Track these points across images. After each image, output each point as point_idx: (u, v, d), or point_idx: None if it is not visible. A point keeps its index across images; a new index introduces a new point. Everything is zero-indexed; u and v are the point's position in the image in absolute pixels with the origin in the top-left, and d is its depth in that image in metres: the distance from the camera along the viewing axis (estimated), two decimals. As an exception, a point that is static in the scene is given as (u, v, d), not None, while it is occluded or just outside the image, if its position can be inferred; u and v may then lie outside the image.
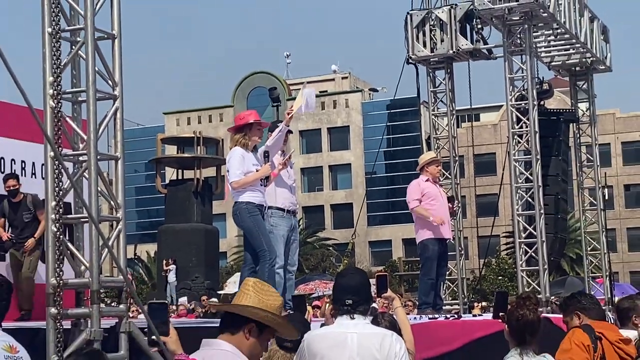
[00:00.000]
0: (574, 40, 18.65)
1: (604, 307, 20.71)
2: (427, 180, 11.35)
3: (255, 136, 9.16)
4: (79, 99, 7.17)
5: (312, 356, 5.05)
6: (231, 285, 27.62)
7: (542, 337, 5.84)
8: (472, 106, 19.03)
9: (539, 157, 16.64)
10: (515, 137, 16.97)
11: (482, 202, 53.47)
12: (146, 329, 5.10)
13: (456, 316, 10.49)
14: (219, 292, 25.77)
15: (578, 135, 20.23)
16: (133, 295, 6.87)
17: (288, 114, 9.41)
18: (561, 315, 6.61)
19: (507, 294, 6.94)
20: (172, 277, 30.30)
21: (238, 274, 30.64)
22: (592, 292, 20.06)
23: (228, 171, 9.05)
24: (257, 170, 9.02)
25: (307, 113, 69.70)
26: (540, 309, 7.63)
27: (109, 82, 7.01)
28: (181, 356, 4.41)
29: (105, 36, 7.00)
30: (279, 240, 9.29)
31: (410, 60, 18.07)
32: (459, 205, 17.37)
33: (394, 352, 5.09)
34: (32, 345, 5.39)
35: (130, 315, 7.12)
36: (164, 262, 31.07)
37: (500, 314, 6.16)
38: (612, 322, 11.31)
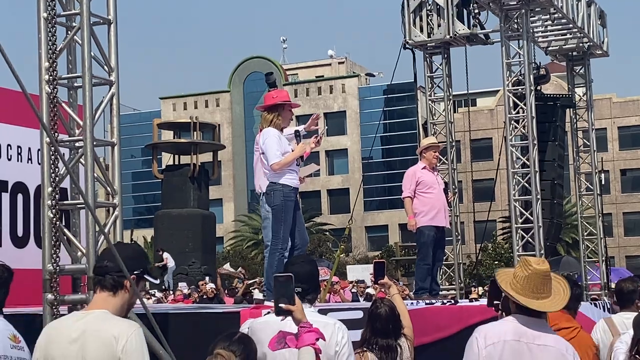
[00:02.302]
0: (571, 25, 18.61)
1: (599, 292, 20.57)
2: (424, 167, 11.33)
3: (287, 118, 8.98)
4: (75, 84, 7.15)
5: (256, 343, 5.05)
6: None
7: None
8: (468, 91, 18.98)
9: (535, 142, 16.62)
10: (512, 122, 16.95)
11: (478, 187, 53.56)
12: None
13: (453, 302, 10.49)
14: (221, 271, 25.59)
15: (575, 120, 20.21)
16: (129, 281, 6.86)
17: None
18: None
19: None
20: (171, 262, 30.27)
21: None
22: (589, 277, 20.12)
23: (263, 153, 8.88)
24: (292, 151, 8.94)
25: (302, 98, 68.76)
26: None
27: (105, 67, 6.99)
28: (306, 324, 4.66)
29: (101, 21, 6.98)
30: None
31: (407, 45, 18.01)
32: (456, 191, 17.37)
33: (335, 342, 5.10)
34: (28, 332, 5.38)
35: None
36: (159, 252, 30.99)
37: (495, 302, 6.14)
38: (608, 307, 11.31)
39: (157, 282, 4.78)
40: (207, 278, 23.28)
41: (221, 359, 4.14)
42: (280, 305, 4.78)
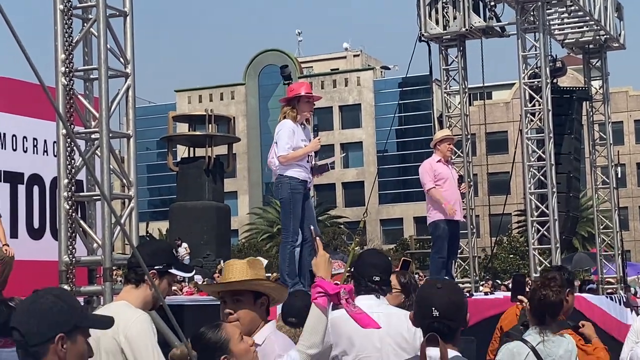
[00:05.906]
0: (587, 18, 18.51)
1: (615, 286, 20.46)
2: (438, 160, 11.32)
3: (305, 110, 8.97)
4: (91, 76, 7.17)
5: (338, 337, 4.95)
6: None
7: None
8: (484, 84, 18.90)
9: (551, 135, 16.56)
10: (528, 115, 16.89)
11: (494, 181, 53.34)
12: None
13: (468, 295, 10.48)
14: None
15: (591, 113, 20.11)
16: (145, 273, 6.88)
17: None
18: (578, 294, 6.61)
19: (525, 276, 6.91)
20: (182, 250, 30.27)
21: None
22: (605, 271, 20.04)
23: (276, 143, 8.89)
24: (305, 146, 8.92)
25: (317, 91, 68.80)
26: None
27: (121, 59, 7.01)
28: (318, 279, 4.42)
29: (117, 13, 6.99)
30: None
31: (422, 38, 17.95)
32: (471, 184, 17.33)
33: (419, 335, 5.08)
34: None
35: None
36: (177, 241, 30.97)
37: (518, 297, 6.14)
38: (624, 300, 11.26)
39: (189, 275, 5.12)
40: (222, 262, 23.36)
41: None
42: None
